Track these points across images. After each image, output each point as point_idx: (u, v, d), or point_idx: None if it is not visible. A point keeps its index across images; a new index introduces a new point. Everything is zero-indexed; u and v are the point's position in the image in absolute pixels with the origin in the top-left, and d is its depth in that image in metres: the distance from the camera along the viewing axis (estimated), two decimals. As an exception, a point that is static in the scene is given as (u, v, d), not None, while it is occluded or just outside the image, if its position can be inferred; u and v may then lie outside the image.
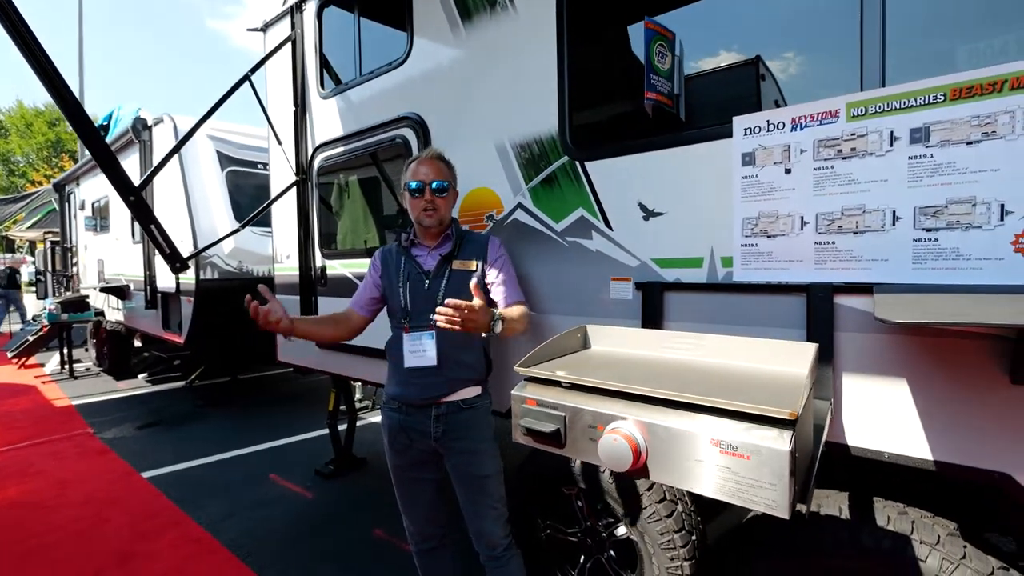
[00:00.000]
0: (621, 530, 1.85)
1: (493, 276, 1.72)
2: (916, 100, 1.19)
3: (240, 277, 4.96)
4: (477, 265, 1.72)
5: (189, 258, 2.63)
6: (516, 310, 1.64)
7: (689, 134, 1.56)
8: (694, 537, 1.72)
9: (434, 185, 1.67)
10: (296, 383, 6.49)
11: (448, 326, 1.38)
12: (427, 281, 1.68)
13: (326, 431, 3.69)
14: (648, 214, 1.65)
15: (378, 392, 5.70)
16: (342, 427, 3.73)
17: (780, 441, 0.76)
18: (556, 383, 1.09)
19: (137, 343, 7.28)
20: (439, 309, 1.36)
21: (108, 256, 6.65)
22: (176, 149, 2.55)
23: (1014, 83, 1.09)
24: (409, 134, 2.38)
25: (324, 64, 2.93)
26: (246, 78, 2.83)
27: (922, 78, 1.18)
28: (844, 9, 1.33)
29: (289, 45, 3.03)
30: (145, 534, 2.87)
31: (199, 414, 5.24)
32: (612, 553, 1.90)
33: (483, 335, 1.58)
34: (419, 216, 1.69)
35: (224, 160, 5.08)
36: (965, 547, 1.24)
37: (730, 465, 0.79)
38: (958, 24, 1.27)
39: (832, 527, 1.35)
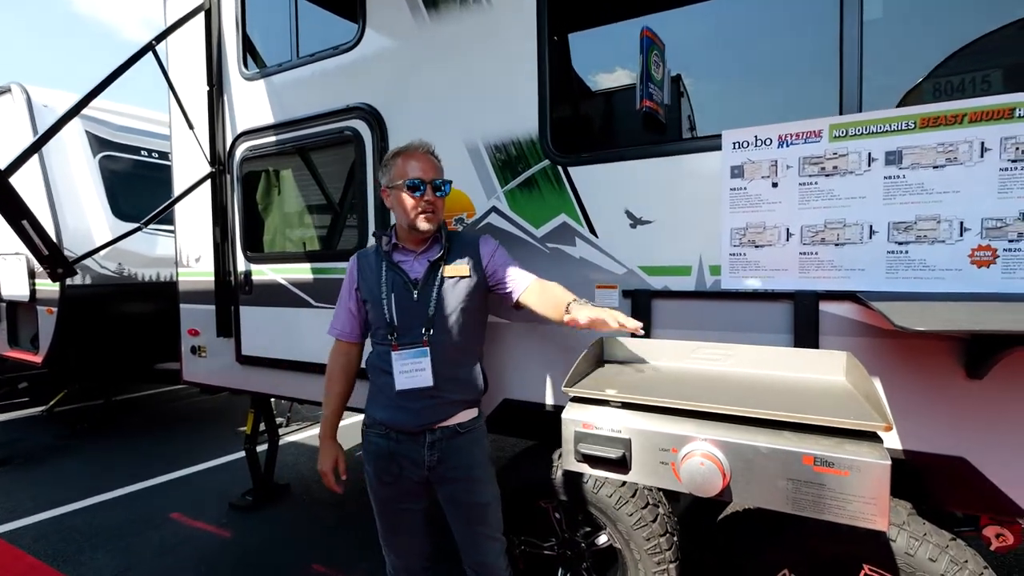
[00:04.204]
0: (602, 539, 1.83)
1: (498, 270, 1.58)
2: (890, 126, 1.32)
3: (120, 282, 4.21)
4: (470, 269, 1.56)
5: (75, 262, 2.15)
6: (556, 287, 1.51)
7: (679, 145, 1.60)
8: (676, 539, 1.76)
9: (436, 184, 1.50)
10: (191, 402, 5.67)
11: None
12: (415, 291, 1.51)
13: (235, 457, 3.24)
14: (635, 222, 1.66)
15: (294, 408, 5.21)
16: (260, 448, 3.30)
17: (876, 454, 0.78)
18: (603, 402, 1.03)
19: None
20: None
21: (-78, 256, 5.30)
22: (62, 123, 2.05)
23: (973, 117, 1.24)
24: (361, 126, 2.17)
25: (248, 42, 2.57)
26: (149, 48, 2.39)
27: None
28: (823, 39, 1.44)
29: (202, 16, 2.62)
30: (6, 606, 2.29)
31: (64, 447, 4.35)
32: (590, 562, 1.89)
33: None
34: (415, 219, 1.49)
35: (97, 143, 4.28)
36: (925, 524, 1.40)
37: (826, 482, 0.80)
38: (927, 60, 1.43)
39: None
